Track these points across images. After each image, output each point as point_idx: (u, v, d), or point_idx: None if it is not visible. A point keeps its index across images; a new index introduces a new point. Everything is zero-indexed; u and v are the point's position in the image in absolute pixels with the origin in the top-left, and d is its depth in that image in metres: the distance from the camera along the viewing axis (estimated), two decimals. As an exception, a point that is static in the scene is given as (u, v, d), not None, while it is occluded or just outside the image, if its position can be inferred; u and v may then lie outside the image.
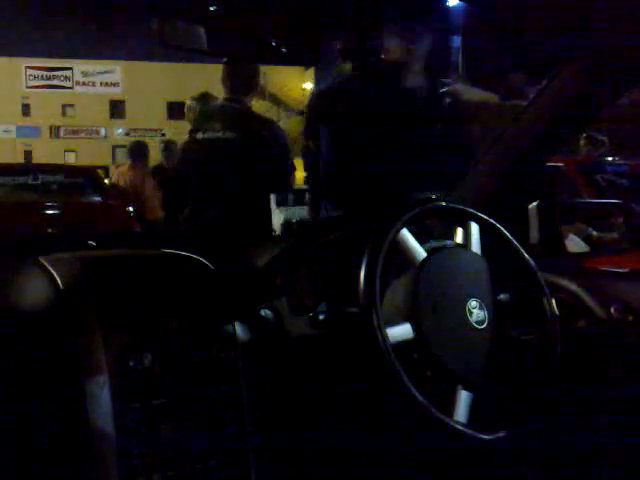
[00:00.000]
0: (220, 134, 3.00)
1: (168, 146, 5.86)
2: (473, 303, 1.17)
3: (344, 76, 2.64)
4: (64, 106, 25.65)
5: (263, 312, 1.26)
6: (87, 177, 6.86)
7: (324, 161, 2.66)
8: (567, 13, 1.12)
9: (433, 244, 1.25)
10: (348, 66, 2.63)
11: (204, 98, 3.60)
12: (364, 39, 2.53)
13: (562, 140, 1.63)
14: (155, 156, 6.69)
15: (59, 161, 19.54)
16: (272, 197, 2.36)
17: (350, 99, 2.57)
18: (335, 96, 2.64)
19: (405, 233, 1.16)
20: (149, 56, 22.24)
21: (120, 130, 25.78)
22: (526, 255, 1.29)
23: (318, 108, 2.70)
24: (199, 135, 3.06)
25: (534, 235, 1.67)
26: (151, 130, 25.09)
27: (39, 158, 21.71)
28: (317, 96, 2.76)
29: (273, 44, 1.30)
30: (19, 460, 1.10)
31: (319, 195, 2.72)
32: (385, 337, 1.06)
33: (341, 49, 2.60)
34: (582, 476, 1.52)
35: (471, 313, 1.17)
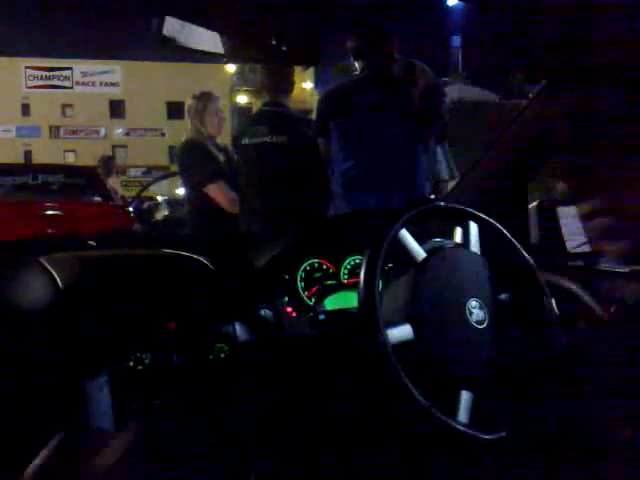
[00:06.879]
0: (268, 138, 2.92)
1: None
2: (473, 303, 1.17)
3: (357, 74, 2.63)
4: (64, 106, 25.65)
5: (263, 312, 1.26)
6: (87, 177, 6.85)
7: (335, 158, 2.64)
8: (567, 12, 1.12)
9: (433, 244, 1.25)
10: (349, 65, 2.62)
11: (205, 98, 3.59)
12: (377, 38, 2.52)
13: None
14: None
15: (59, 161, 19.56)
16: None
17: (362, 97, 2.57)
18: (347, 93, 2.62)
19: (405, 233, 1.16)
20: (149, 56, 22.27)
21: (120, 130, 25.78)
22: (526, 255, 1.28)
23: (329, 105, 2.68)
24: (244, 140, 3.00)
25: (534, 235, 1.67)
26: (151, 130, 25.12)
27: (39, 158, 21.75)
28: (329, 93, 2.74)
29: (273, 44, 1.30)
30: (19, 460, 1.10)
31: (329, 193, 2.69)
32: (385, 337, 1.06)
33: (352, 47, 2.60)
34: (582, 475, 1.52)
35: (471, 313, 1.17)
